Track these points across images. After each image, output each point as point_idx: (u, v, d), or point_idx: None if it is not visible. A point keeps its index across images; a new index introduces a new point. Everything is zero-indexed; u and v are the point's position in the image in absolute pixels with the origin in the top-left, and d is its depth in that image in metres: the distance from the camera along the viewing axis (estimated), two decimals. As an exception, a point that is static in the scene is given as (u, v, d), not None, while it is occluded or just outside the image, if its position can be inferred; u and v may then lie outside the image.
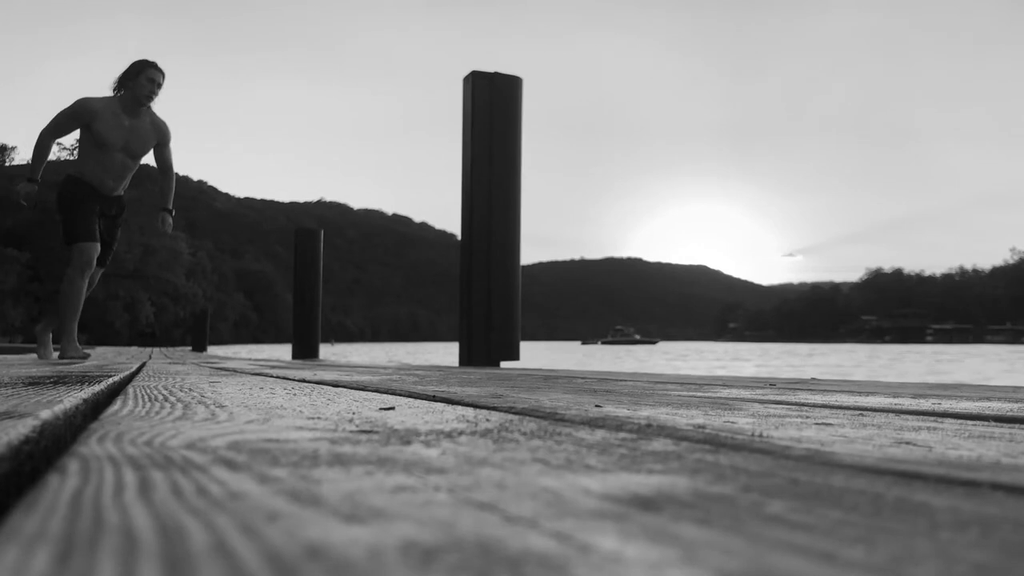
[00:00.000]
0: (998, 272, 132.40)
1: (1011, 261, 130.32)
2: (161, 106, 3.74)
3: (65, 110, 3.61)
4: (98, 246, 3.75)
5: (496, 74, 3.47)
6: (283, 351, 8.87)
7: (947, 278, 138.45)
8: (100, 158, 3.65)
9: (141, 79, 3.66)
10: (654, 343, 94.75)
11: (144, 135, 3.73)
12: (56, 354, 3.77)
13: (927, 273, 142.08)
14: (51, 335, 3.82)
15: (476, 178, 3.41)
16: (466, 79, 3.50)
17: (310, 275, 6.79)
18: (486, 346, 3.39)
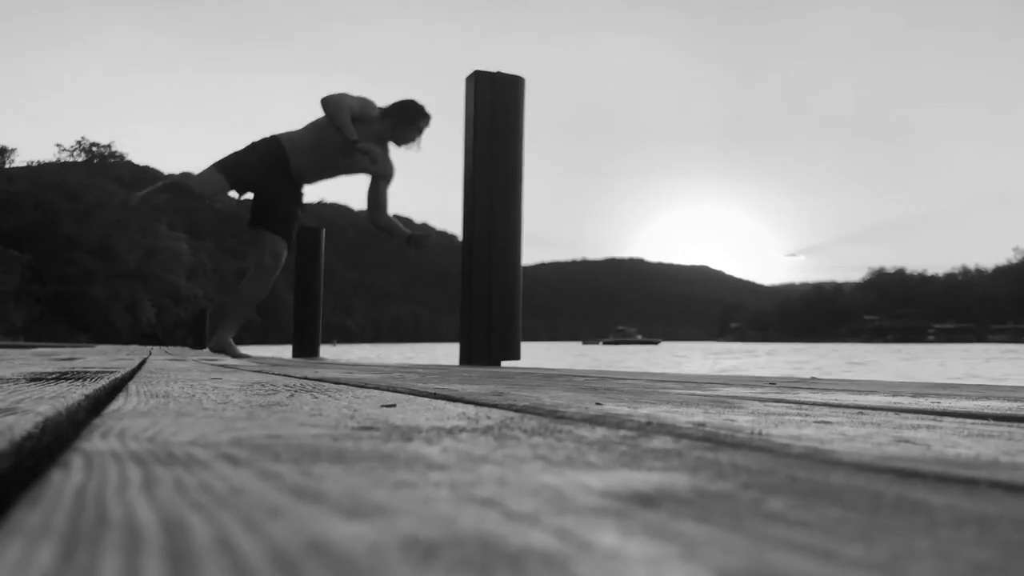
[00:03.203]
0: (1000, 271, 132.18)
1: (1014, 260, 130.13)
2: (160, 107, 3.66)
3: (355, 97, 3.39)
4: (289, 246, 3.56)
5: (499, 73, 3.47)
6: (284, 352, 8.87)
7: (949, 277, 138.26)
8: (324, 157, 3.44)
9: (413, 129, 3.52)
10: (656, 343, 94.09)
11: (366, 166, 3.58)
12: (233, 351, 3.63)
13: (929, 273, 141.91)
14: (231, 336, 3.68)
15: (477, 177, 3.41)
16: (469, 78, 3.50)
17: (311, 273, 6.79)
18: (487, 345, 3.39)
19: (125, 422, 0.58)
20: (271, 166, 3.50)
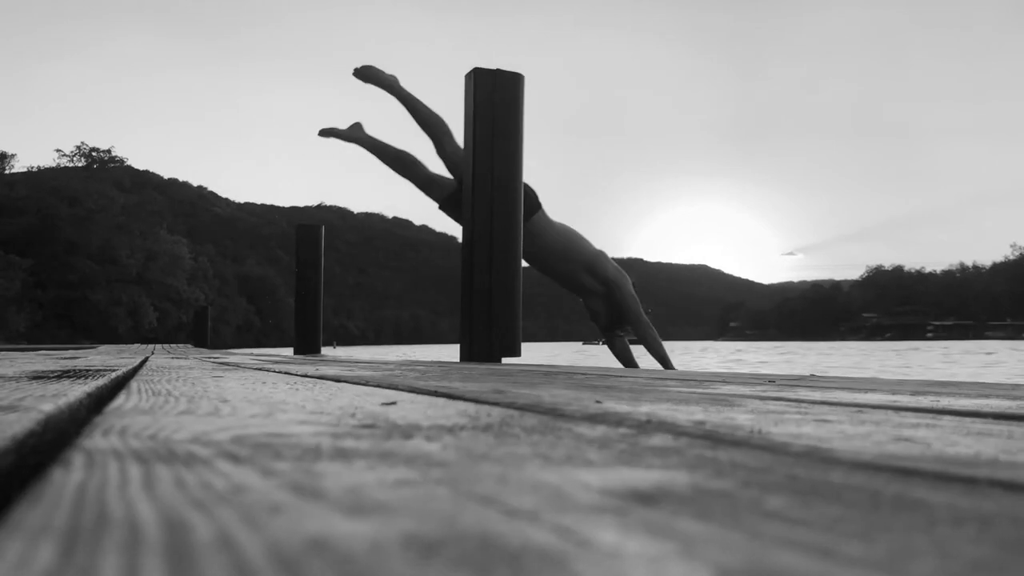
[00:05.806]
0: (998, 268, 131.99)
1: (1011, 257, 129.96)
2: (160, 111, 3.72)
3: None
4: None
5: (498, 71, 3.47)
6: (286, 353, 8.91)
7: (947, 275, 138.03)
8: (550, 259, 3.97)
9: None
10: None
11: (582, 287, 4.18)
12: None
13: (927, 270, 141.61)
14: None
15: (477, 175, 3.41)
16: (468, 76, 3.50)
17: (311, 270, 6.79)
18: (488, 342, 3.39)
19: (126, 420, 0.58)
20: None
